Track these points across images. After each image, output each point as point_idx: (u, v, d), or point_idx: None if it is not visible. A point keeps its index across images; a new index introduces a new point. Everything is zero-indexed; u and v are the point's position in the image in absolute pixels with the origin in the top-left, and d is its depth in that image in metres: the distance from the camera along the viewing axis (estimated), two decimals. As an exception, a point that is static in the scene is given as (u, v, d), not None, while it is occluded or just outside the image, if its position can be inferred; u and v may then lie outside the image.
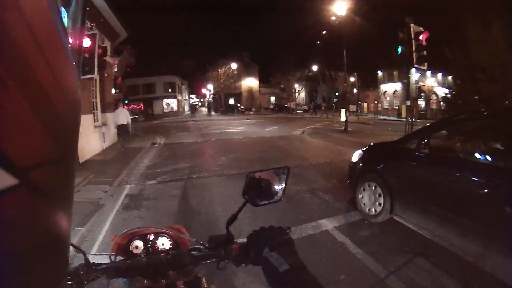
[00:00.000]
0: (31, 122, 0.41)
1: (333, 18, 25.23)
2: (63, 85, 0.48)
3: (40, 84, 0.42)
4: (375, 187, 5.72)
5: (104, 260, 1.35)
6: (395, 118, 38.58)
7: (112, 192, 8.25)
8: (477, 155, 4.30)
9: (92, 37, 10.40)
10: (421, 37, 13.94)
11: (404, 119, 17.34)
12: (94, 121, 14.86)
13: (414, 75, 19.49)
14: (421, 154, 4.99)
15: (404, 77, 24.12)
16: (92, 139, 13.91)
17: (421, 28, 14.28)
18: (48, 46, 0.43)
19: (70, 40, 0.58)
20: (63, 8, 0.52)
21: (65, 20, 0.52)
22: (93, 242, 5.43)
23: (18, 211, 0.40)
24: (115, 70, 21.67)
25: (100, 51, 10.73)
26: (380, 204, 5.56)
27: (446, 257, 4.34)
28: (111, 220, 6.38)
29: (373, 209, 5.73)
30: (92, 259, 1.32)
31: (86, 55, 10.24)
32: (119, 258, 1.45)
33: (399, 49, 14.71)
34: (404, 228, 5.22)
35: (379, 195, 5.59)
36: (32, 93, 0.41)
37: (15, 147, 0.38)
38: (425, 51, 14.25)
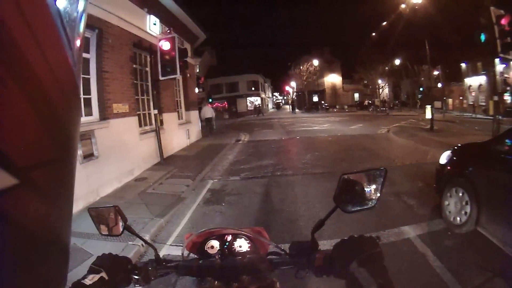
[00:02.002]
0: (31, 122, 0.42)
1: (404, 6, 23.93)
2: (63, 85, 0.48)
3: (40, 84, 0.43)
4: (463, 194, 5.20)
5: (177, 252, 1.39)
6: (481, 116, 35.32)
7: (195, 186, 8.44)
8: None
9: (171, 40, 10.90)
10: (502, 21, 12.47)
11: (491, 117, 15.71)
12: (179, 119, 15.52)
13: (498, 66, 17.78)
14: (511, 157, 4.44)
15: (488, 69, 22.13)
16: (177, 135, 14.46)
17: (502, 11, 12.75)
18: (48, 46, 0.44)
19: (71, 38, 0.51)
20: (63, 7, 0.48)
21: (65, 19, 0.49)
22: (170, 233, 5.57)
23: (18, 211, 0.41)
24: (197, 70, 22.53)
25: (179, 53, 11.17)
26: (466, 213, 5.05)
27: None
28: (191, 213, 6.50)
29: (458, 218, 5.24)
30: (167, 249, 1.21)
31: (167, 57, 10.88)
32: (192, 255, 1.46)
33: (482, 37, 13.29)
34: (488, 243, 4.71)
35: (466, 203, 5.07)
36: (32, 93, 0.41)
37: (15, 147, 0.39)
38: (509, 38, 12.71)
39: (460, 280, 3.99)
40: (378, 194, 1.23)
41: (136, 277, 1.21)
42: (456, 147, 6.10)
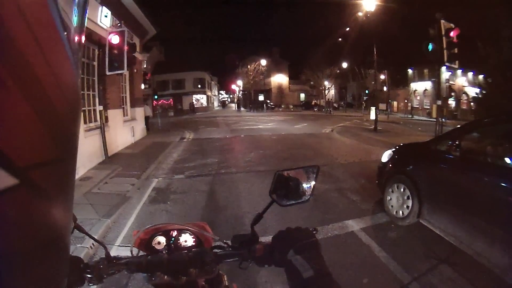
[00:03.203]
0: (31, 122, 0.41)
1: (360, 14, 24.80)
2: (63, 84, 0.48)
3: (40, 83, 0.42)
4: (404, 189, 5.58)
5: (126, 252, 1.36)
6: (425, 118, 37.51)
7: (140, 185, 8.36)
8: (509, 160, 4.14)
9: (120, 34, 10.55)
10: (451, 33, 13.47)
11: (435, 119, 16.84)
12: (124, 116, 15.14)
13: (445, 74, 18.88)
14: (451, 156, 4.80)
15: (434, 76, 23.42)
16: (122, 133, 14.13)
17: (452, 25, 13.76)
18: (48, 45, 0.43)
19: (71, 38, 0.53)
20: (63, 6, 0.49)
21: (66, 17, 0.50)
22: (118, 234, 5.52)
23: (18, 211, 0.40)
24: (145, 66, 22.05)
25: (128, 47, 10.88)
26: (408, 207, 5.42)
27: (472, 267, 4.20)
28: (137, 212, 6.47)
29: (400, 212, 5.60)
30: (116, 250, 1.34)
31: (115, 51, 10.51)
32: (141, 253, 1.44)
33: (430, 46, 14.22)
34: (431, 233, 5.07)
35: (408, 198, 5.45)
36: (32, 93, 0.40)
37: (15, 147, 0.38)
38: (456, 49, 13.76)
39: (406, 268, 4.25)
40: (312, 189, 1.34)
41: (89, 276, 1.18)
42: (398, 146, 6.51)
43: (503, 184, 3.87)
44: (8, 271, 0.40)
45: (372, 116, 21.80)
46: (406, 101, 49.68)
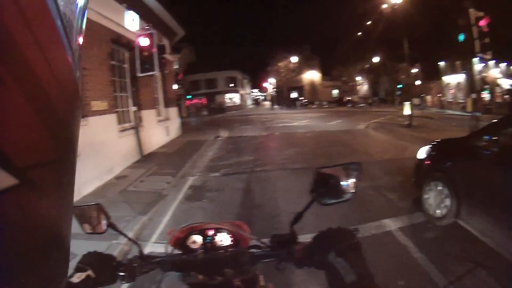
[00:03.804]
0: (31, 122, 0.41)
1: (391, 4, 24.20)
2: (63, 84, 0.48)
3: (40, 84, 0.42)
4: (442, 187, 5.31)
5: (161, 249, 1.36)
6: (459, 112, 36.08)
7: (176, 183, 8.40)
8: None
9: (149, 36, 10.79)
10: (481, 22, 12.78)
11: (469, 114, 16.09)
12: (158, 116, 15.36)
13: (477, 65, 18.13)
14: (489, 152, 4.51)
15: (466, 68, 22.58)
16: (156, 132, 14.33)
17: (481, 13, 13.06)
18: (48, 45, 0.43)
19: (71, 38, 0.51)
20: (63, 6, 0.48)
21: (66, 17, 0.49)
22: (153, 231, 5.56)
23: (18, 211, 0.40)
24: (176, 66, 22.32)
25: (158, 49, 11.10)
26: (446, 206, 5.16)
27: (509, 271, 4.01)
28: (173, 210, 6.50)
29: (438, 211, 5.35)
30: (151, 247, 1.25)
31: (145, 53, 10.77)
32: (176, 251, 1.43)
33: (461, 37, 13.59)
34: (468, 234, 4.87)
35: (445, 197, 5.19)
36: (32, 93, 0.41)
37: (15, 147, 0.38)
38: (487, 38, 13.04)
39: (442, 271, 4.07)
40: (354, 187, 1.26)
41: (121, 274, 1.22)
42: (434, 142, 6.19)
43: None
44: (8, 271, 0.40)
45: (406, 111, 21.19)
46: (439, 95, 48.26)
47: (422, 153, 6.19)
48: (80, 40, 0.59)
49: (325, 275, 1.00)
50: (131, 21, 11.34)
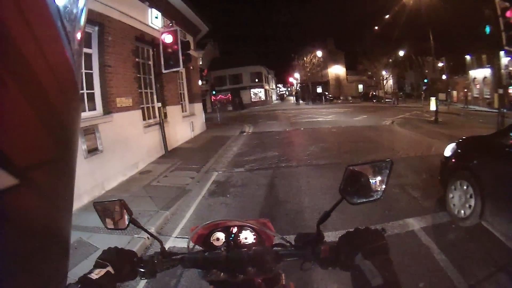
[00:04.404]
0: (31, 122, 0.41)
1: None
2: (63, 84, 0.48)
3: (40, 84, 0.42)
4: (467, 187, 5.17)
5: (183, 244, 1.33)
6: (486, 109, 34.93)
7: (199, 178, 8.46)
8: None
9: (173, 33, 10.85)
10: (508, 13, 12.29)
11: (496, 110, 15.58)
12: (182, 111, 15.52)
13: (504, 59, 17.52)
14: None
15: (493, 62, 21.84)
16: (181, 128, 14.47)
17: (508, 4, 12.55)
18: (48, 45, 0.43)
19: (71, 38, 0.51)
20: (63, 5, 0.48)
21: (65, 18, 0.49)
22: (176, 225, 5.59)
23: (18, 211, 0.41)
24: (200, 62, 22.46)
25: (182, 45, 11.14)
26: (470, 206, 5.03)
27: None
28: (196, 205, 6.53)
29: (462, 211, 5.22)
30: (173, 241, 1.22)
31: (169, 50, 10.85)
32: (197, 248, 1.45)
33: (487, 29, 13.13)
34: (492, 236, 4.73)
35: (470, 196, 5.05)
36: (32, 93, 0.41)
37: (15, 147, 0.39)
38: None
39: (463, 274, 4.00)
40: (384, 186, 1.21)
41: (142, 270, 1.22)
42: (460, 140, 6.06)
43: None
44: (8, 271, 0.40)
45: (432, 107, 20.88)
46: (465, 90, 47.02)
47: (448, 150, 6.06)
48: (81, 40, 0.57)
49: (351, 277, 0.98)
50: (154, 19, 11.47)
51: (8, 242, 0.39)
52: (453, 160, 5.81)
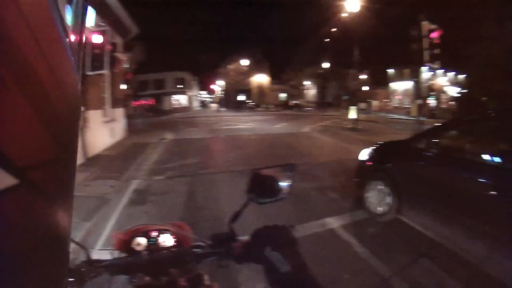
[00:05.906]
0: (31, 122, 0.42)
1: (345, 14, 24.95)
2: (63, 84, 0.49)
3: (40, 84, 0.42)
4: (383, 186, 5.64)
5: (107, 256, 1.35)
6: (404, 117, 37.86)
7: (119, 187, 8.27)
8: (486, 157, 4.22)
9: (102, 33, 10.52)
10: (433, 34, 13.68)
11: (414, 118, 17.11)
12: (104, 117, 14.84)
13: (426, 74, 19.17)
14: (430, 154, 4.91)
15: (415, 76, 23.80)
16: (101, 134, 13.90)
17: (434, 26, 13.97)
18: (48, 45, 0.44)
19: (71, 38, 0.57)
20: (63, 6, 0.49)
21: (66, 18, 0.51)
22: (98, 237, 5.44)
23: (18, 211, 0.41)
24: (127, 66, 21.67)
25: (110, 47, 10.85)
26: (387, 203, 5.50)
27: (451, 259, 4.30)
28: (117, 215, 6.40)
29: (379, 208, 5.67)
30: (97, 254, 1.32)
31: (98, 51, 10.44)
32: (122, 254, 1.42)
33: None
34: (410, 228, 5.17)
35: (387, 194, 5.52)
36: (32, 93, 0.41)
37: (15, 147, 0.38)
38: (437, 49, 14.00)
39: (386, 263, 4.29)
40: (287, 186, 1.35)
41: (70, 279, 1.15)
42: (377, 145, 6.55)
43: (480, 180, 4.00)
44: (8, 271, 0.40)
45: (351, 115, 21.93)
46: (386, 100, 50.37)
47: (364, 155, 6.52)
48: (82, 39, 0.60)
49: (262, 269, 1.06)
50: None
51: (8, 242, 0.39)
52: (369, 163, 6.29)
